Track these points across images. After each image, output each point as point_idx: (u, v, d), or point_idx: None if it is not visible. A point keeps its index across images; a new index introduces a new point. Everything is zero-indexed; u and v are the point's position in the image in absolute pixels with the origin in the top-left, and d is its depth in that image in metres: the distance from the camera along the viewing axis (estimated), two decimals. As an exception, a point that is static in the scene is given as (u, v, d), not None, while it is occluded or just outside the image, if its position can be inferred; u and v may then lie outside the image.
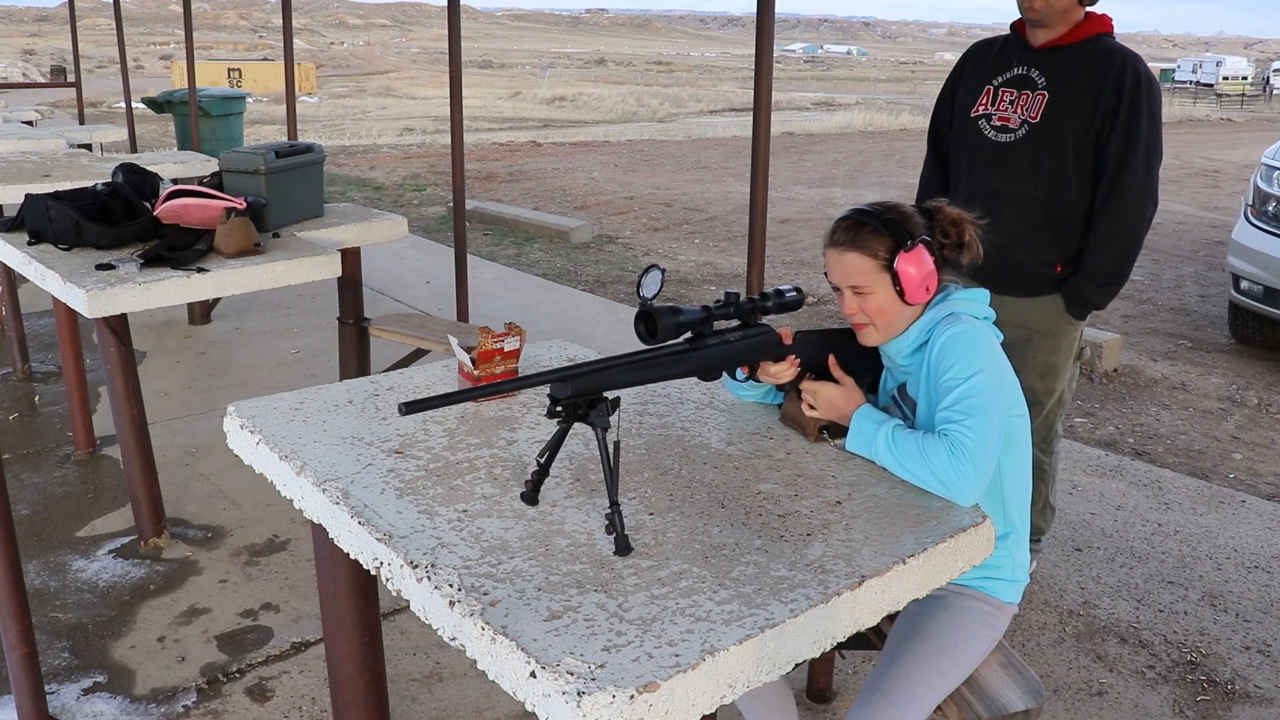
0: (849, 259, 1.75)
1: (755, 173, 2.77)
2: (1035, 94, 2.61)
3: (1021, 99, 2.63)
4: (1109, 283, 2.64)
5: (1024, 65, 2.65)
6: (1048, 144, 2.60)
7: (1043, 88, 2.60)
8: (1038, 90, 2.61)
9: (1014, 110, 2.64)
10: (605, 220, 9.70)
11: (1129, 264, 2.63)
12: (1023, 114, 2.63)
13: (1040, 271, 2.68)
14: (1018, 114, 2.63)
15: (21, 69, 39.29)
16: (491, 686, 2.23)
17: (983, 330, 1.73)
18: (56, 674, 2.55)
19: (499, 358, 1.98)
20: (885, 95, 39.57)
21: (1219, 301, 6.75)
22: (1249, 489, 3.86)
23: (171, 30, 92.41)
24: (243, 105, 10.33)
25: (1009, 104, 2.65)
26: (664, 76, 57.07)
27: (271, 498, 3.40)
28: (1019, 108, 2.63)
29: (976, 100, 2.72)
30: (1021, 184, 2.64)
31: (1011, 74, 2.67)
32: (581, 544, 1.43)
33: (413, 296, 6.30)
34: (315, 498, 1.61)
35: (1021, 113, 2.63)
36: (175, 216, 3.32)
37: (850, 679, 2.58)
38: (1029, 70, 2.64)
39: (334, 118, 27.17)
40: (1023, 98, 2.63)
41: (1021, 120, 2.63)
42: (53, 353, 4.91)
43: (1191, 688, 2.58)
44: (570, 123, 26.78)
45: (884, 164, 14.84)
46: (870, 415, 1.70)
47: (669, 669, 1.14)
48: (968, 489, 1.57)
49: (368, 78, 50.48)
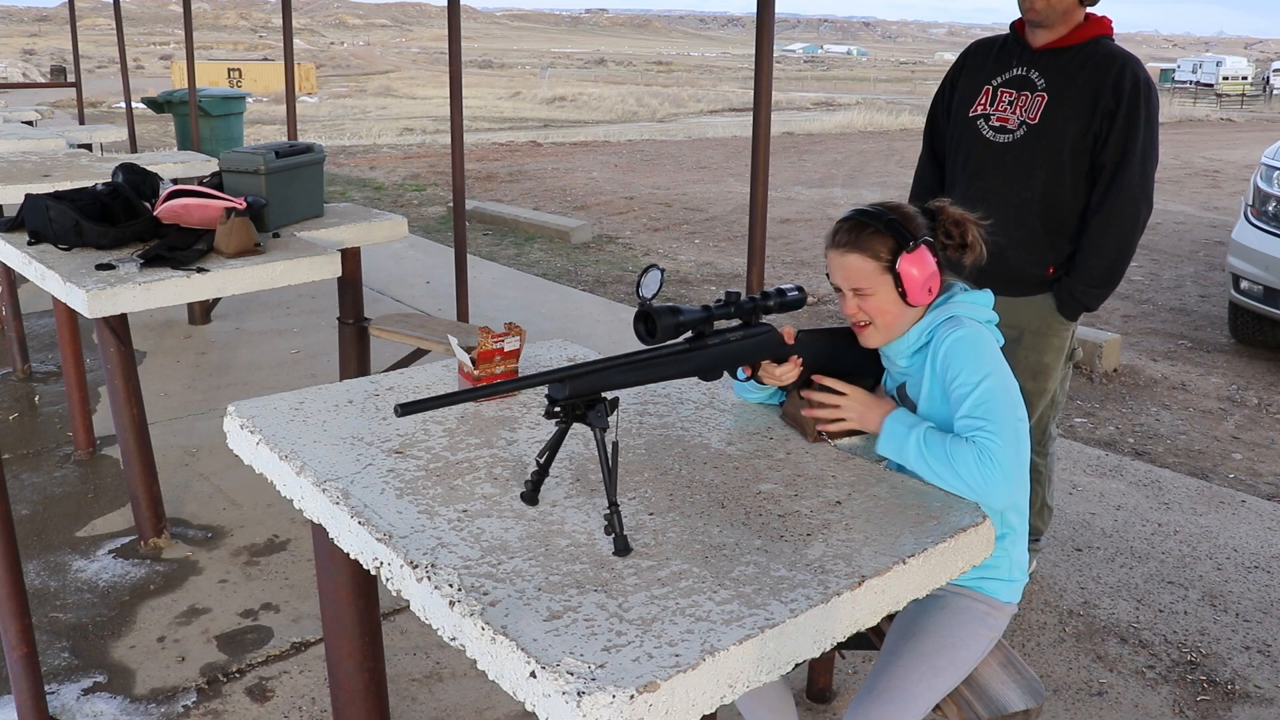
0: (851, 260, 1.75)
1: (755, 173, 2.77)
2: (1034, 95, 2.61)
3: (1020, 100, 2.63)
4: (1101, 284, 2.65)
5: (1023, 66, 2.66)
6: (1045, 145, 2.60)
7: (1042, 89, 2.60)
8: (1037, 91, 2.61)
9: (1013, 111, 2.64)
10: (605, 220, 9.70)
11: (1122, 266, 2.64)
12: (1021, 115, 2.63)
13: (1032, 272, 2.68)
14: (1016, 115, 2.64)
15: (21, 69, 39.31)
16: (491, 686, 2.23)
17: (984, 334, 1.73)
18: (56, 674, 2.55)
19: (499, 358, 1.98)
20: (885, 95, 39.57)
21: (1219, 301, 6.75)
22: (1249, 489, 3.86)
23: (171, 30, 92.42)
24: (243, 105, 10.34)
25: (1008, 104, 2.65)
26: (664, 76, 57.07)
27: (271, 498, 3.40)
28: (1018, 109, 2.63)
29: (975, 100, 2.72)
30: (1017, 185, 2.64)
31: (1011, 74, 2.67)
32: (581, 544, 1.43)
33: (413, 296, 6.30)
34: (315, 498, 1.61)
35: (1020, 114, 2.63)
36: (175, 216, 3.32)
37: (850, 679, 2.58)
38: (1028, 71, 2.64)
39: (334, 118, 27.17)
40: (1022, 98, 2.63)
41: (1020, 121, 2.63)
42: (53, 353, 4.91)
43: (1191, 688, 2.58)
44: (570, 123, 26.78)
45: (884, 164, 14.83)
46: (902, 419, 1.71)
47: (669, 669, 1.14)
48: (999, 493, 1.58)
49: (368, 78, 50.48)
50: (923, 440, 1.65)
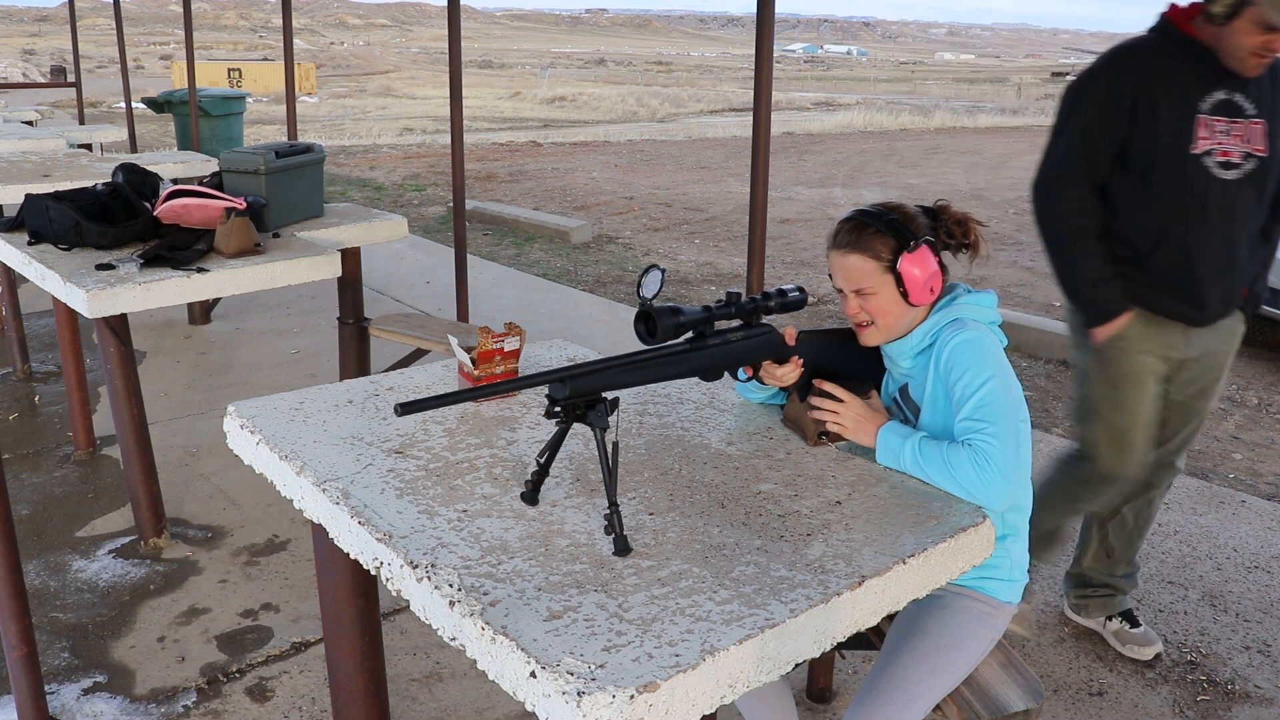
0: (852, 260, 1.75)
1: (755, 173, 2.77)
2: (1250, 123, 2.35)
3: (1235, 128, 2.35)
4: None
5: (1228, 90, 2.35)
6: (1270, 174, 2.41)
7: (1253, 114, 2.36)
8: (1250, 118, 2.35)
9: (1232, 141, 2.37)
10: (605, 220, 9.69)
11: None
12: (1242, 145, 2.36)
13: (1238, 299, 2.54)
14: (1237, 145, 2.36)
15: (21, 69, 39.28)
16: (491, 686, 2.23)
17: (989, 337, 1.73)
18: (56, 674, 2.55)
19: (499, 358, 1.98)
20: (885, 95, 39.57)
21: (1219, 301, 6.74)
22: (1249, 489, 3.86)
23: (171, 30, 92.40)
24: (243, 105, 10.32)
25: (1223, 134, 2.37)
26: (664, 76, 57.06)
27: (271, 498, 3.40)
28: (1235, 138, 2.37)
29: (1192, 134, 2.34)
30: (1250, 221, 2.44)
31: (1214, 99, 2.34)
32: (581, 544, 1.43)
33: (413, 296, 6.30)
34: (315, 498, 1.61)
35: (1240, 144, 2.36)
36: (175, 216, 3.32)
37: (850, 679, 2.58)
38: (1232, 94, 2.34)
39: (334, 118, 27.16)
40: (1236, 127, 2.35)
41: (1245, 153, 2.36)
42: (53, 353, 4.91)
43: (1191, 688, 2.58)
44: (570, 123, 26.77)
45: (884, 164, 14.83)
46: (896, 430, 1.71)
47: (669, 669, 1.14)
48: (998, 496, 1.58)
49: (368, 78, 50.48)
50: (918, 450, 1.65)
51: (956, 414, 1.67)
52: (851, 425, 1.76)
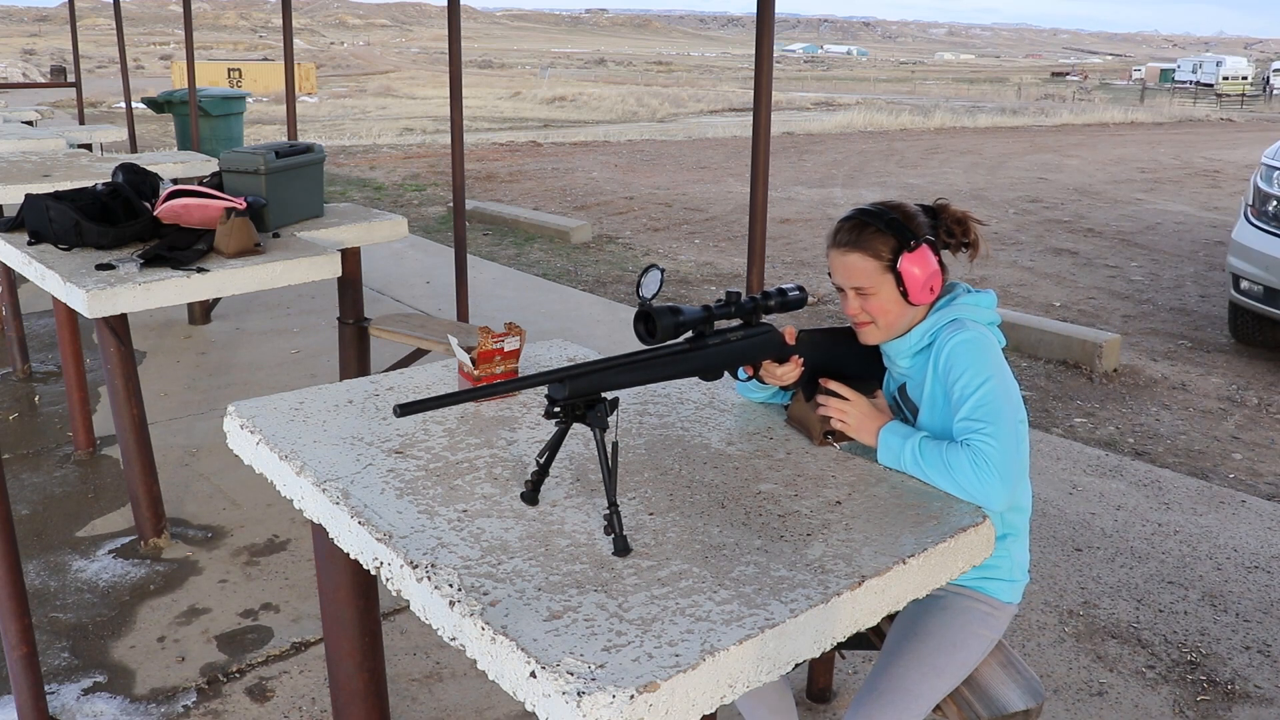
0: (852, 260, 1.75)
1: (755, 173, 2.77)
2: None
3: None
4: None
5: None
6: None
7: None
8: None
9: None
10: (605, 220, 9.69)
11: None
12: None
13: None
14: None
15: (21, 69, 39.29)
16: (491, 686, 2.23)
17: (988, 337, 1.73)
18: (56, 674, 2.55)
19: (499, 358, 1.98)
20: (885, 95, 39.57)
21: (1219, 301, 6.75)
22: (1249, 489, 3.86)
23: (171, 30, 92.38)
24: (243, 105, 10.33)
25: None
26: (664, 76, 57.06)
27: (271, 498, 3.40)
28: None
29: None
30: None
31: None
32: (581, 544, 1.43)
33: (413, 296, 6.29)
34: (315, 498, 1.61)
35: None
36: (175, 216, 3.32)
37: (850, 679, 2.58)
38: None
39: (334, 118, 27.17)
40: None
41: None
42: (53, 353, 4.91)
43: (1191, 688, 2.58)
44: (570, 123, 26.77)
45: (884, 164, 14.83)
46: (897, 430, 1.71)
47: (669, 669, 1.14)
48: (996, 497, 1.58)
49: (368, 78, 50.47)
50: (918, 450, 1.65)
51: (955, 414, 1.68)
52: (855, 424, 1.76)
